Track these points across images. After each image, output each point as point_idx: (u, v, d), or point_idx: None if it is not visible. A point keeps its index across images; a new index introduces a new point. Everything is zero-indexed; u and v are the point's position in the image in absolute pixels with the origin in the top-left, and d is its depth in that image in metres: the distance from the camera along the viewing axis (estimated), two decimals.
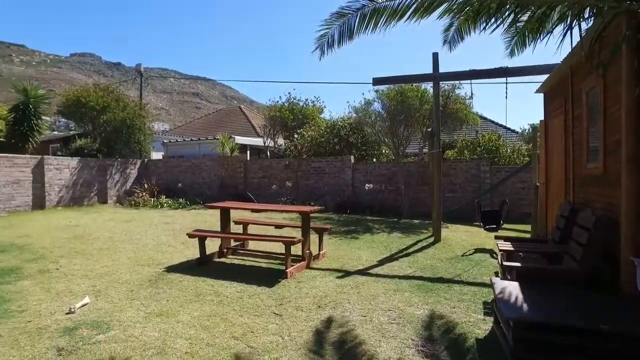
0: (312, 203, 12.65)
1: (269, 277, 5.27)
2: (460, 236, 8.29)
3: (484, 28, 3.77)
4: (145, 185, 16.00)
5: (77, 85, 19.20)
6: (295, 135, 15.44)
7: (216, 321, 3.80)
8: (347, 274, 5.54)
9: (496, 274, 5.33)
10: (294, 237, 5.67)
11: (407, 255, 6.70)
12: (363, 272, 5.62)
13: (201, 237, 6.11)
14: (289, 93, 17.55)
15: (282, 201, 13.47)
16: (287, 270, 5.32)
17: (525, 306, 3.10)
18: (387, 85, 11.69)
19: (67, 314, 3.96)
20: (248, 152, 18.96)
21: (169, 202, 14.64)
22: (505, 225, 8.91)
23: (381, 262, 6.21)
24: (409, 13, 3.81)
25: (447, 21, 4.98)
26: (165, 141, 20.56)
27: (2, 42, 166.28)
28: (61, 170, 14.00)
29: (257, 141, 19.22)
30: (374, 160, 14.39)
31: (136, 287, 4.86)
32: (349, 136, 14.06)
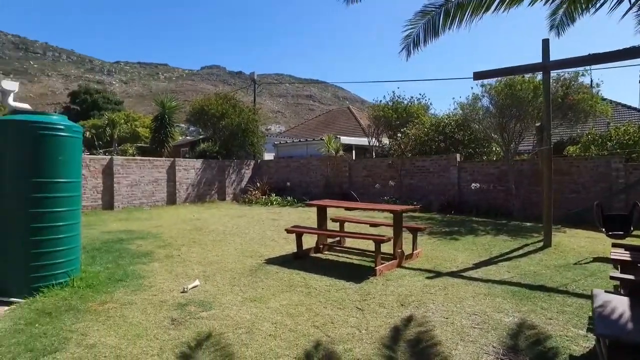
0: (414, 202, 12.44)
1: (358, 274, 5.43)
2: (578, 242, 7.38)
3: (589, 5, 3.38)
4: (258, 184, 17.47)
5: (207, 95, 21.71)
6: (399, 134, 15.29)
7: (301, 310, 4.09)
8: (437, 274, 5.41)
9: (615, 288, 4.67)
10: (383, 236, 5.73)
11: (509, 259, 6.23)
12: (455, 274, 5.42)
13: (298, 233, 6.53)
14: (393, 92, 17.44)
15: (384, 200, 13.49)
16: (376, 268, 5.41)
17: (630, 325, 2.73)
18: (495, 79, 10.90)
19: (182, 292, 4.66)
20: (353, 151, 19.35)
21: (278, 200, 15.75)
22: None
23: (477, 265, 5.89)
24: (495, 4, 3.61)
25: (553, 5, 4.53)
26: (276, 143, 22.13)
27: (151, 63, 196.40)
28: (188, 170, 16.10)
29: (362, 141, 19.51)
30: (484, 158, 13.50)
31: (238, 275, 5.44)
32: (454, 133, 13.44)
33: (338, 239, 7.31)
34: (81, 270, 5.02)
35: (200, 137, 21.12)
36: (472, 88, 17.28)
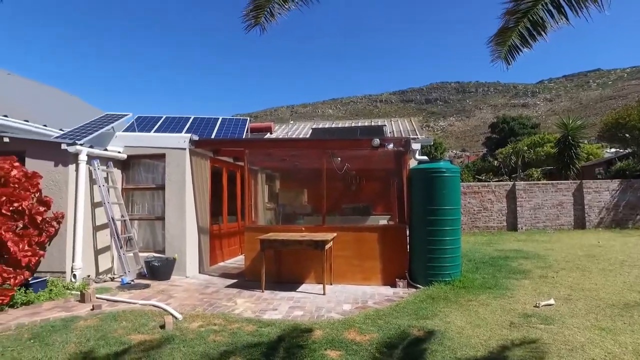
0: None
1: None
2: None
3: None
4: None
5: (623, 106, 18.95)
6: None
7: None
8: None
9: None
10: None
11: None
12: None
13: None
14: None
15: None
16: None
17: None
18: None
19: (534, 306, 5.29)
20: None
21: None
22: None
23: None
24: None
25: None
26: None
27: (578, 73, 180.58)
28: (600, 192, 14.73)
29: None
30: None
31: (605, 305, 5.30)
32: None
33: None
34: (461, 275, 6.68)
35: (617, 153, 18.42)
36: None
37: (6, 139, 6.96)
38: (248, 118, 11.54)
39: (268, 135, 16.14)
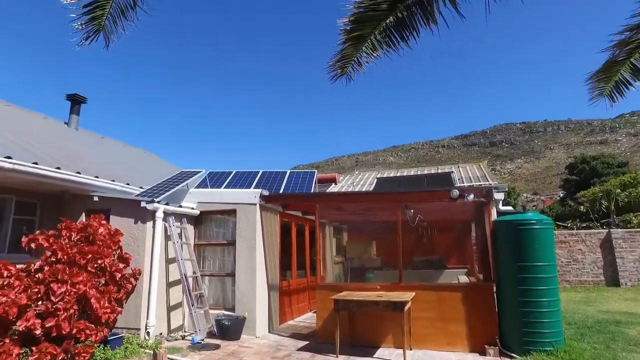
0: None
1: None
2: None
3: None
4: None
5: None
6: None
7: None
8: None
9: None
10: None
11: None
12: None
13: None
14: None
15: None
16: None
17: None
18: None
19: None
20: None
21: None
22: None
23: None
24: None
25: None
26: None
27: None
28: None
29: None
30: None
31: None
32: None
33: None
34: (565, 344, 5.72)
35: None
36: None
37: (96, 198, 7.46)
38: (315, 171, 11.58)
39: (332, 186, 16.09)
